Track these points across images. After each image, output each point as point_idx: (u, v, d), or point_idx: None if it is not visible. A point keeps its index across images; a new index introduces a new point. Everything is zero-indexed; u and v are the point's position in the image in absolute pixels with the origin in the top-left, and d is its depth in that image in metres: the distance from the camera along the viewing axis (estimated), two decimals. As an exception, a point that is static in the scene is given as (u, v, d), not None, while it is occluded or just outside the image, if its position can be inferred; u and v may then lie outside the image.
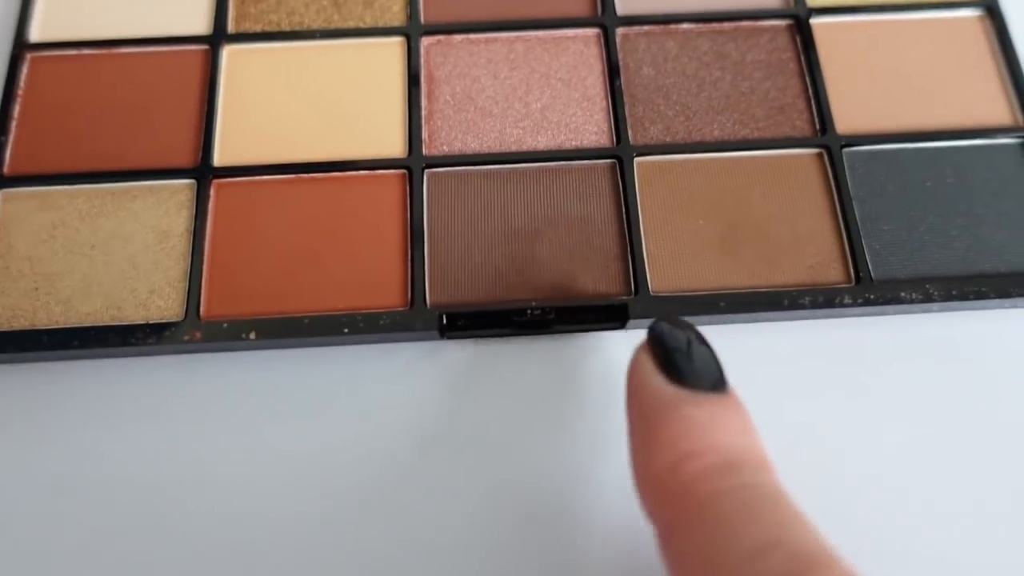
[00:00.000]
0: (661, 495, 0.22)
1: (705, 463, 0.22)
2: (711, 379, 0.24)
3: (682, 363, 0.24)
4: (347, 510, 0.30)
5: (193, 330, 0.31)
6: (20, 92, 0.35)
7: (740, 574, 0.19)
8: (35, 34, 0.37)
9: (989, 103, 0.35)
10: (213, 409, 0.31)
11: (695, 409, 0.23)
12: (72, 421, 0.31)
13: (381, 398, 0.31)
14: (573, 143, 0.35)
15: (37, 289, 0.32)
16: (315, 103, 0.35)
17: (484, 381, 0.32)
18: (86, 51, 0.36)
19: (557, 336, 0.32)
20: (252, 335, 0.31)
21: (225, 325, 0.31)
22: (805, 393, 0.31)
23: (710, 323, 0.32)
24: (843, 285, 0.32)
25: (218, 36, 0.37)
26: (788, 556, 0.19)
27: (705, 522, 0.20)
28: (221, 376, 0.32)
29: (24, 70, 0.36)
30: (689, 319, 0.31)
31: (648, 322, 0.28)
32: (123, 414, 0.31)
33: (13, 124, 0.35)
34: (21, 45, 0.36)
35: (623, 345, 0.32)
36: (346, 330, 0.31)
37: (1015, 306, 0.32)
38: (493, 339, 0.32)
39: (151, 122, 0.35)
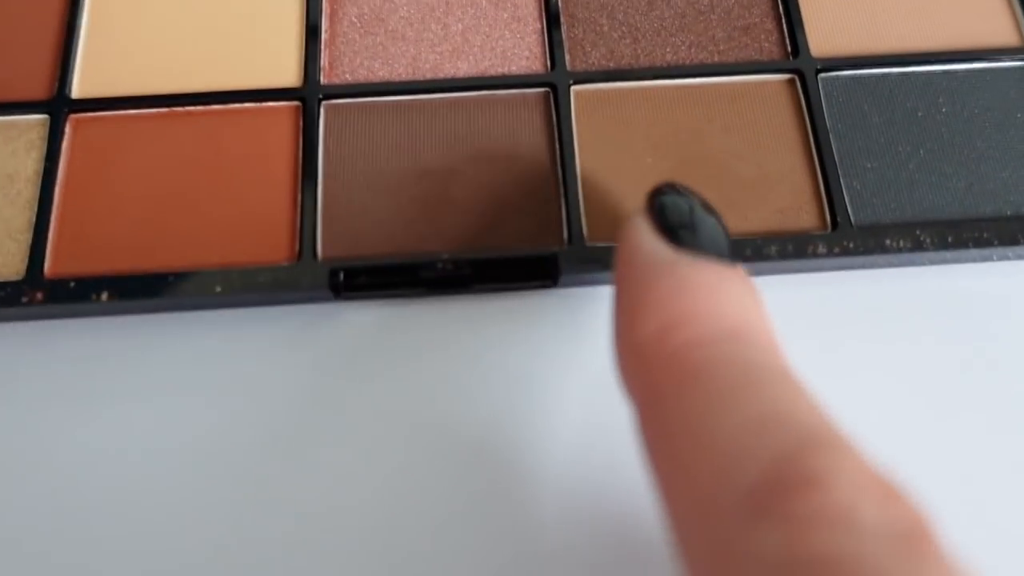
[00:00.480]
0: (646, 362, 0.19)
1: (701, 330, 0.18)
2: (716, 251, 0.20)
3: (685, 236, 0.20)
4: (225, 504, 0.24)
5: (33, 290, 0.26)
6: None
7: (736, 448, 0.16)
8: None
9: (991, 19, 0.30)
10: (61, 385, 0.26)
11: (695, 271, 0.19)
12: None
13: (263, 371, 0.26)
14: (499, 69, 0.29)
15: None
16: (198, 23, 0.30)
17: (387, 350, 0.26)
18: (-72, -33, 0.31)
19: (476, 296, 0.27)
20: (104, 296, 0.26)
21: (72, 284, 0.26)
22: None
23: (658, 278, 0.26)
24: (818, 232, 0.26)
25: (85, -51, 0.31)
26: (795, 432, 0.16)
27: (698, 390, 0.17)
28: (70, 346, 0.26)
29: None
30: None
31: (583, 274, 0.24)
32: (-52, 392, 0.26)
33: None
34: None
35: (554, 306, 0.27)
36: (219, 288, 0.26)
37: (1022, 256, 0.27)
38: (398, 300, 0.27)
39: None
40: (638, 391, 0.19)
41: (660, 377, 0.18)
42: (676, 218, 0.20)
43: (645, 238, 0.20)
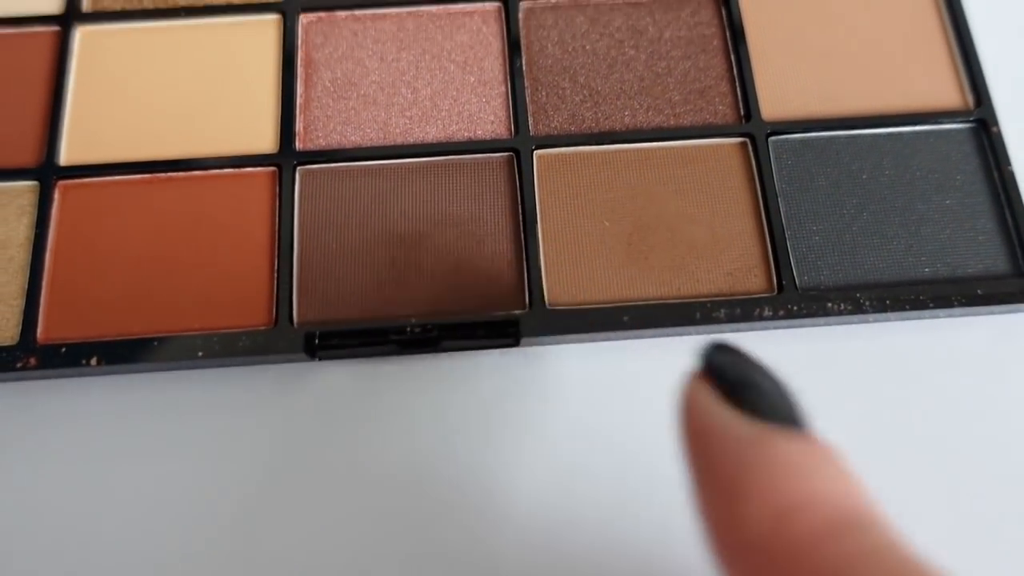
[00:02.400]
0: (762, 562, 0.17)
1: (817, 518, 0.17)
2: (791, 410, 0.19)
3: (755, 395, 0.19)
4: (207, 556, 0.26)
5: (27, 356, 0.27)
6: None
7: None
8: None
9: (936, 83, 0.31)
10: (52, 442, 0.28)
11: (787, 448, 0.18)
12: None
13: (244, 428, 0.28)
14: (466, 134, 0.31)
15: None
16: (178, 91, 0.31)
17: (360, 407, 0.28)
18: (-78, 34, 0.32)
19: (444, 355, 0.29)
20: (94, 361, 0.27)
21: (63, 350, 0.27)
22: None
23: (613, 339, 0.28)
24: (764, 295, 0.28)
25: (70, 16, 0.32)
26: None
27: None
28: (61, 405, 0.28)
29: None
30: (589, 336, 0.28)
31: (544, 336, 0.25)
32: (-51, 451, 0.28)
33: None
34: None
35: (517, 364, 0.29)
36: (200, 353, 0.27)
37: (962, 314, 0.28)
38: (371, 359, 0.29)
39: (-9, 115, 0.31)
40: None
41: (795, 572, 0.17)
42: (737, 377, 0.19)
43: (714, 408, 0.18)
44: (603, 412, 0.28)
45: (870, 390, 0.28)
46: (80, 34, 0.32)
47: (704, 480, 0.19)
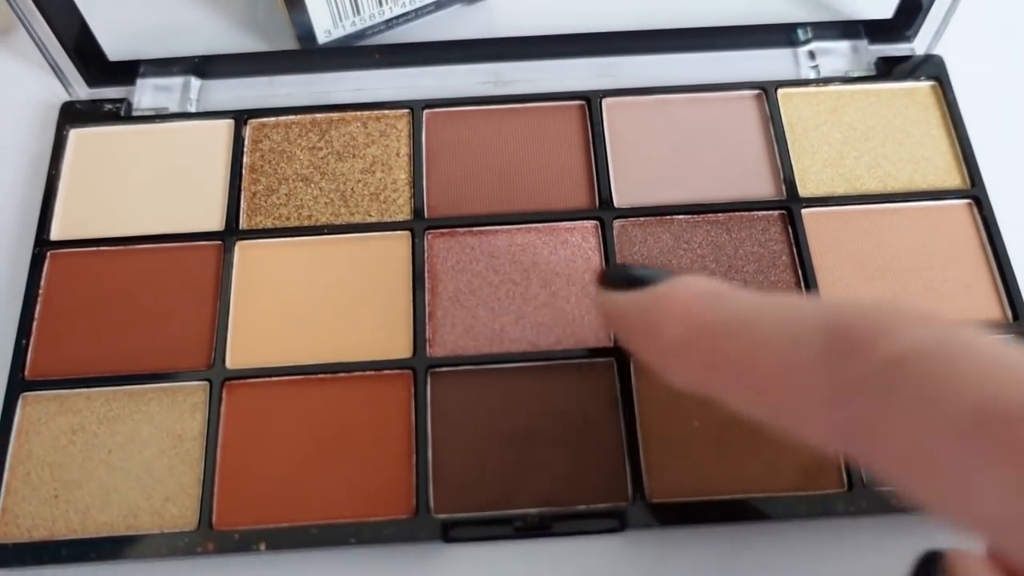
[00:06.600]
0: (689, 361, 0.25)
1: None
2: (655, 275, 0.27)
3: (633, 278, 0.27)
4: None
5: (206, 541, 0.32)
6: (41, 292, 0.37)
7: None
8: (56, 232, 0.38)
9: (978, 296, 0.36)
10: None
11: (661, 288, 0.26)
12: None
13: (387, 604, 0.32)
14: (571, 341, 0.36)
15: (56, 497, 0.33)
16: (323, 299, 0.37)
17: (488, 586, 0.33)
18: (104, 248, 0.38)
19: (557, 539, 0.33)
20: (262, 546, 0.32)
21: (236, 536, 0.32)
22: (801, 600, 0.32)
23: (704, 526, 0.33)
24: (836, 491, 0.32)
25: (230, 232, 0.38)
26: None
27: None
28: (239, 583, 0.33)
29: (45, 268, 0.37)
30: (687, 528, 0.32)
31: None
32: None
33: (34, 326, 0.36)
34: (42, 243, 0.38)
35: (622, 548, 0.33)
36: (352, 540, 0.32)
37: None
38: (495, 542, 0.33)
39: (166, 321, 0.36)
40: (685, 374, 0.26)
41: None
42: (620, 277, 0.27)
43: (616, 298, 0.27)
44: (697, 592, 0.32)
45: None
46: (239, 248, 0.38)
47: (631, 337, 0.28)
